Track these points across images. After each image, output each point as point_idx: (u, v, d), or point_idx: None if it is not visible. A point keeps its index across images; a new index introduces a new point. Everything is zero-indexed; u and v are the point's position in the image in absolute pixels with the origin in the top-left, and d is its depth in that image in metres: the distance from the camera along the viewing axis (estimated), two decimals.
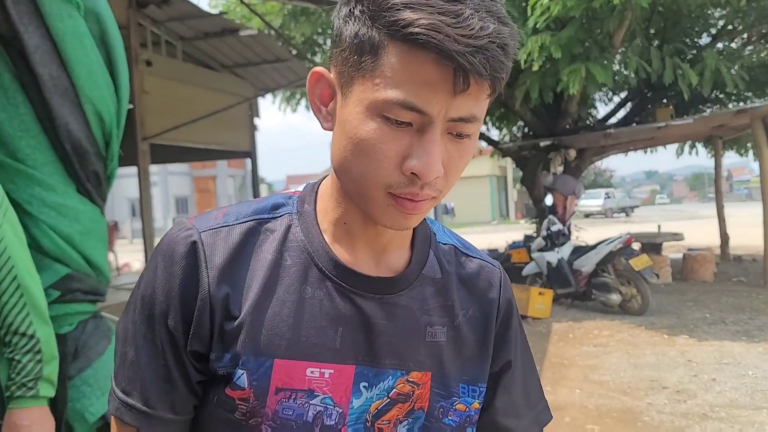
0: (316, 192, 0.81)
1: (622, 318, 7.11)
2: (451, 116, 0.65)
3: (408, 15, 0.61)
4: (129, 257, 14.75)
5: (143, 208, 7.13)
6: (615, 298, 7.27)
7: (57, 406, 1.81)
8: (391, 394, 0.76)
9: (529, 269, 8.26)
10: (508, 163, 29.19)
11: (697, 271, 9.64)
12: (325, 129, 0.73)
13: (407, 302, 0.77)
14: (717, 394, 4.42)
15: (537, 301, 7.35)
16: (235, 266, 0.74)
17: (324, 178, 0.81)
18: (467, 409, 0.81)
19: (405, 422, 0.77)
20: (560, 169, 10.28)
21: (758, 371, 4.87)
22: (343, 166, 0.70)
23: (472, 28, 0.61)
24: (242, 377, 0.71)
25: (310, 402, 0.72)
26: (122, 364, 0.75)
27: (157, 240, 8.11)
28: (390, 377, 0.76)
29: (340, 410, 0.73)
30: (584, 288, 7.64)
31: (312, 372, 0.72)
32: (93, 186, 1.87)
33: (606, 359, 5.50)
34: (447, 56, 0.61)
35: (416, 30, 0.61)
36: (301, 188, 0.84)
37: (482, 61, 0.61)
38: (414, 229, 0.81)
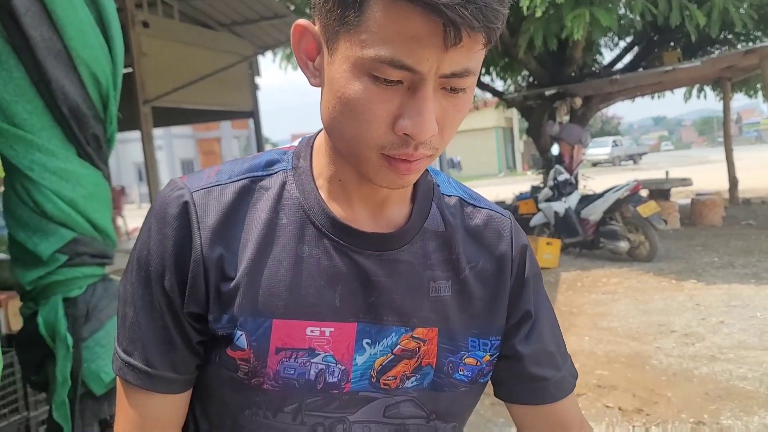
0: (312, 146, 0.78)
1: (631, 265, 7.13)
2: (444, 72, 0.61)
3: None
4: (138, 221, 14.85)
5: (149, 171, 7.13)
6: (623, 245, 7.27)
7: (72, 367, 1.85)
8: (395, 350, 0.75)
9: (536, 220, 8.25)
10: (514, 114, 28.92)
11: (705, 215, 9.61)
12: (312, 85, 0.70)
13: (408, 258, 0.75)
14: (725, 336, 4.45)
15: (545, 251, 7.38)
16: (229, 226, 0.72)
17: (320, 131, 0.79)
18: (478, 363, 0.80)
19: (413, 378, 0.76)
20: (566, 118, 10.17)
21: (767, 313, 4.89)
22: (333, 126, 0.68)
23: None
24: (241, 338, 0.70)
25: (312, 360, 0.72)
26: (123, 324, 0.75)
27: None
28: (393, 333, 0.75)
29: (343, 367, 0.73)
30: (592, 236, 7.64)
31: (312, 331, 0.72)
32: (93, 149, 1.86)
33: (614, 306, 5.54)
34: (435, 10, 0.56)
35: None
36: (296, 143, 0.81)
37: (474, 12, 0.57)
38: (415, 182, 0.79)
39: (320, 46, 0.68)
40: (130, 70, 6.43)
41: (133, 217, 16.09)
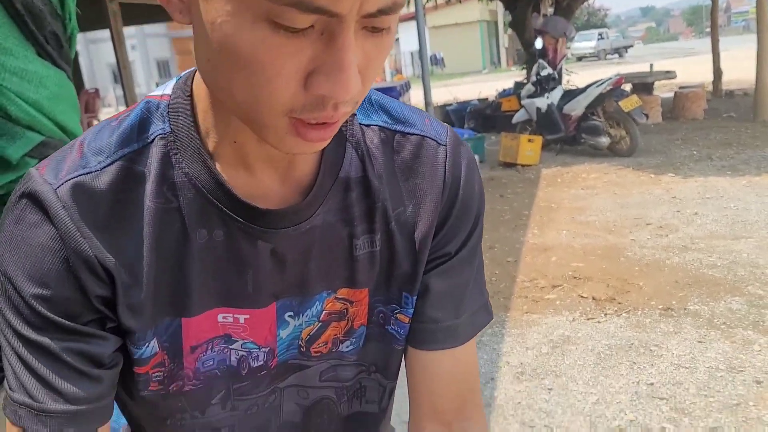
0: (191, 95, 0.61)
1: (611, 160, 7.19)
2: (368, 10, 0.45)
3: None
4: None
5: (122, 73, 6.92)
6: (604, 140, 7.30)
7: None
8: (321, 317, 0.68)
9: (518, 116, 8.20)
10: (499, 6, 28.05)
11: (687, 108, 9.60)
12: (178, 21, 0.52)
13: (325, 219, 0.63)
14: (698, 227, 4.58)
15: (527, 148, 7.39)
16: (112, 226, 0.58)
17: (196, 71, 0.60)
18: (410, 322, 0.72)
19: (347, 342, 0.70)
20: (551, 10, 9.89)
21: (740, 203, 5.01)
22: (219, 84, 0.51)
23: None
24: (153, 343, 0.62)
25: (230, 347, 0.65)
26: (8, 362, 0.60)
27: None
28: (317, 302, 0.67)
29: (267, 349, 0.67)
30: (573, 132, 7.64)
31: (225, 317, 0.64)
32: (54, 48, 1.79)
33: (593, 201, 5.64)
34: None
35: None
36: (169, 89, 0.62)
37: None
38: None
39: None
40: None
41: None
